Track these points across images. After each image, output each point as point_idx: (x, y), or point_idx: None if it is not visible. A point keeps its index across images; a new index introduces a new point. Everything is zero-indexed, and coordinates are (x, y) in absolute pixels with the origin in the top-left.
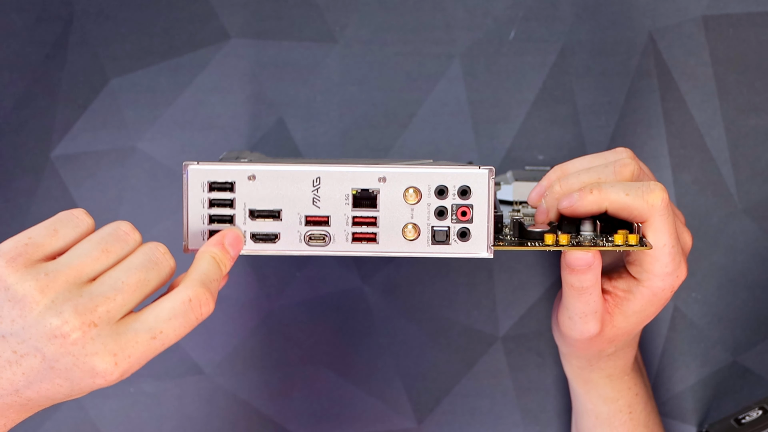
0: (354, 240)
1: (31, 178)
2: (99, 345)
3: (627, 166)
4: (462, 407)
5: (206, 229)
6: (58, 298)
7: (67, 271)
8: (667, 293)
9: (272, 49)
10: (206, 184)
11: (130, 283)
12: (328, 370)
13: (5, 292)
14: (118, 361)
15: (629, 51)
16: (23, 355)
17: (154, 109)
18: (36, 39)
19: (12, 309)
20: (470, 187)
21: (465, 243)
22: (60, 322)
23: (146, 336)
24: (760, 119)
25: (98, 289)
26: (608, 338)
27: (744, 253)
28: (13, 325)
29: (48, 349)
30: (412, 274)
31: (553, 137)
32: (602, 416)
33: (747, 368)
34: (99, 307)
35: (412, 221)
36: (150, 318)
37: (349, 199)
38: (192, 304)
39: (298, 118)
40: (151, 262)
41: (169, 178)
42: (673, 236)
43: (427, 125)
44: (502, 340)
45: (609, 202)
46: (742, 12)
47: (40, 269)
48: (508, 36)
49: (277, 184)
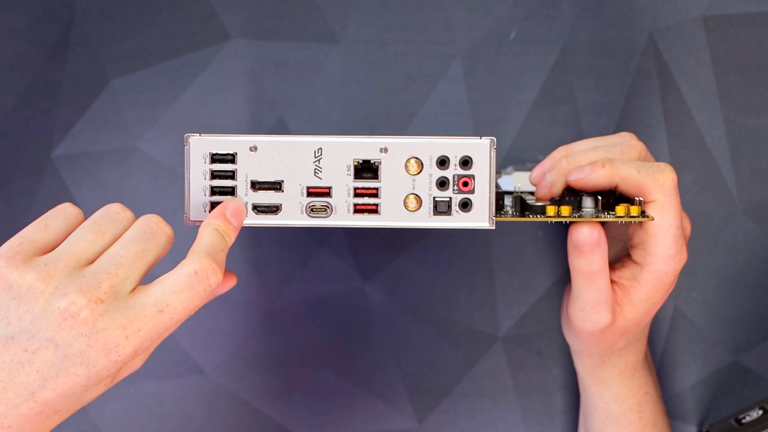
0: (356, 211)
1: (32, 178)
2: (108, 320)
3: (634, 147)
4: (462, 407)
5: (207, 201)
6: (61, 283)
7: (66, 257)
8: (670, 277)
9: (273, 49)
10: (208, 156)
11: (128, 255)
12: (328, 370)
13: (9, 291)
14: (128, 335)
15: (629, 51)
16: (35, 351)
17: (154, 110)
18: (37, 39)
19: (18, 306)
20: (472, 158)
21: (467, 213)
22: (67, 303)
23: (153, 309)
24: (760, 119)
25: (99, 267)
26: (619, 330)
27: (744, 253)
28: (21, 322)
29: (60, 336)
30: (412, 274)
31: (553, 137)
32: (612, 415)
33: (747, 368)
34: (102, 284)
35: (414, 192)
36: (156, 291)
37: (351, 170)
38: (198, 276)
39: (298, 119)
40: (147, 233)
41: (169, 178)
42: (678, 218)
43: (427, 125)
44: (503, 340)
45: (621, 178)
46: (742, 12)
47: (39, 261)
48: (508, 36)
49: (279, 155)
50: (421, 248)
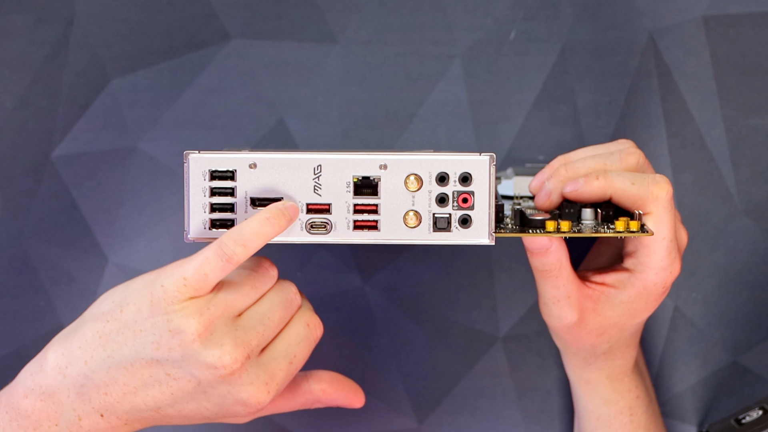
0: (355, 228)
1: (32, 178)
2: (253, 375)
3: (632, 155)
4: (462, 407)
5: (207, 218)
6: (217, 331)
7: (224, 305)
8: (659, 289)
9: (273, 49)
10: (207, 173)
11: (274, 319)
12: (328, 370)
13: (168, 322)
14: (269, 389)
15: (629, 51)
16: (176, 378)
17: (154, 110)
18: (37, 39)
19: (172, 338)
20: (471, 174)
21: (466, 230)
22: (220, 353)
23: (285, 362)
24: (760, 119)
25: (249, 324)
26: (596, 329)
27: (744, 253)
28: (171, 352)
29: (204, 377)
30: (412, 274)
31: (553, 137)
32: (603, 418)
33: (747, 368)
34: (252, 341)
35: (414, 208)
36: (283, 346)
37: (350, 186)
38: (310, 328)
39: (298, 119)
40: (288, 301)
41: (169, 178)
42: (672, 230)
43: (427, 126)
44: (503, 340)
45: (614, 190)
46: (742, 12)
47: (200, 303)
48: (508, 36)
49: (278, 172)
50: (421, 248)
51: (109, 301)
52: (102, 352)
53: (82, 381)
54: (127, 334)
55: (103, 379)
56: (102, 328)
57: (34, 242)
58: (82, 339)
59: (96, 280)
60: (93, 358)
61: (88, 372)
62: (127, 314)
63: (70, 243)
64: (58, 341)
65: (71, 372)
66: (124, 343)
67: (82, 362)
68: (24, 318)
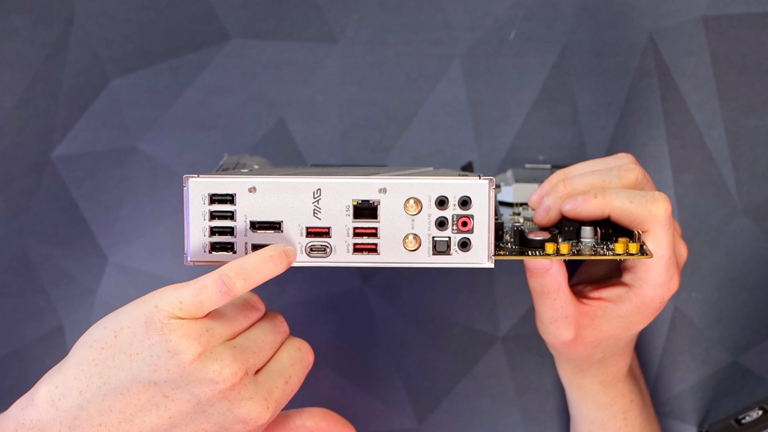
0: (355, 251)
1: (32, 178)
2: (252, 391)
3: (631, 171)
4: (462, 407)
5: (207, 242)
6: (217, 348)
7: (220, 329)
8: (656, 304)
9: (273, 49)
10: (207, 197)
11: (267, 341)
12: (328, 370)
13: (166, 342)
14: (269, 405)
15: (629, 51)
16: (175, 400)
17: (154, 110)
18: (37, 39)
19: (170, 359)
20: (471, 198)
21: (466, 253)
22: (220, 367)
23: (281, 380)
24: (760, 119)
25: (245, 344)
26: (591, 342)
27: (744, 253)
28: (169, 373)
29: (204, 394)
30: (412, 275)
31: (553, 137)
32: (597, 422)
33: (747, 368)
34: (249, 359)
35: (413, 232)
36: (277, 366)
37: (350, 210)
38: (302, 352)
39: (298, 119)
40: (277, 327)
41: (169, 179)
42: (671, 248)
43: (427, 126)
44: (503, 340)
45: (612, 209)
46: (742, 12)
47: (198, 324)
48: (508, 36)
49: (278, 195)
50: None
51: (101, 328)
52: (98, 380)
53: (75, 413)
54: (123, 358)
55: (98, 409)
56: (97, 355)
57: (34, 242)
58: (77, 369)
59: (96, 280)
60: (89, 387)
61: (83, 402)
62: (121, 339)
63: (70, 243)
64: (50, 375)
65: (64, 404)
66: (120, 368)
67: (77, 392)
68: (24, 318)
